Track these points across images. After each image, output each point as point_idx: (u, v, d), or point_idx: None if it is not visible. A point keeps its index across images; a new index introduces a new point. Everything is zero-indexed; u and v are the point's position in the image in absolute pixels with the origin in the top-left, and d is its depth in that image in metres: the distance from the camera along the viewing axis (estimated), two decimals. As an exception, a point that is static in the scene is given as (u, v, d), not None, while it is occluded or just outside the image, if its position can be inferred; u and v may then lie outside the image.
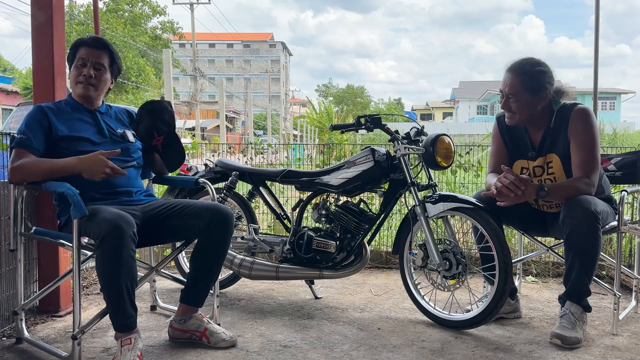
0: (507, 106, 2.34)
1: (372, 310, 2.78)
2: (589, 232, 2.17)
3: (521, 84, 2.28)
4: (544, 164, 2.39)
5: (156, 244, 2.45)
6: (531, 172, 2.43)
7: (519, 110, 2.31)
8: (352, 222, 2.70)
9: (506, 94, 2.32)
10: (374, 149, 2.67)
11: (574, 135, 2.27)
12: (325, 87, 69.27)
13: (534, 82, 2.27)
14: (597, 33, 3.67)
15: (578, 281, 2.24)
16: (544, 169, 2.40)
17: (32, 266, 2.55)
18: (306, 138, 18.26)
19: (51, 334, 2.38)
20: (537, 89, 2.28)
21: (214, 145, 6.11)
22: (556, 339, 2.23)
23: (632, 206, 3.17)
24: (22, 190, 2.18)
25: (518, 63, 2.32)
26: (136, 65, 25.58)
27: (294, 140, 19.70)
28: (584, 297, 2.29)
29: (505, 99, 2.34)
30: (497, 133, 2.53)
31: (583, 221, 2.16)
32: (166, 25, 29.62)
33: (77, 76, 2.22)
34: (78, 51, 2.23)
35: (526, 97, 2.29)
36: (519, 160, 2.47)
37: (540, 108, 2.33)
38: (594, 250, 2.19)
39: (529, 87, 2.28)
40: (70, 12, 25.11)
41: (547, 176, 2.39)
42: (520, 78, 2.28)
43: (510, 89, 2.30)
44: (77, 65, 2.22)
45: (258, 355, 2.16)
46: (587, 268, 2.22)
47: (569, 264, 2.25)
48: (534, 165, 2.42)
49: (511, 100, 2.31)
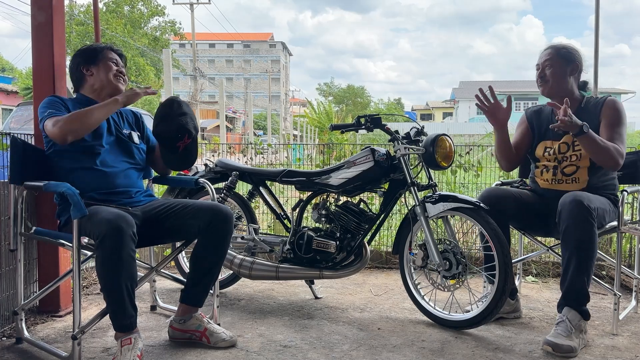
0: (542, 74, 2.55)
1: (372, 310, 2.78)
2: (584, 226, 2.17)
3: (557, 52, 2.53)
4: (570, 142, 2.47)
5: (156, 244, 2.45)
6: (556, 150, 2.51)
7: (553, 76, 2.50)
8: (352, 222, 2.70)
9: (542, 64, 2.55)
10: (374, 149, 2.68)
11: (605, 118, 2.44)
12: (326, 86, 69.31)
13: (567, 52, 2.53)
14: (597, 33, 3.67)
15: (575, 281, 2.19)
16: (569, 146, 2.48)
17: (32, 266, 2.56)
18: (306, 138, 18.26)
19: (51, 334, 2.38)
20: (570, 59, 2.52)
21: (214, 145, 6.11)
22: (547, 347, 2.17)
23: (632, 206, 3.17)
24: (22, 190, 2.18)
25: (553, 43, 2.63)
26: (136, 65, 25.60)
27: (294, 140, 19.71)
28: (582, 301, 2.22)
29: (541, 69, 2.56)
30: (524, 119, 2.72)
31: (577, 215, 2.17)
32: (167, 25, 29.63)
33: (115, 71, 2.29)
34: (107, 53, 2.30)
35: (559, 63, 2.51)
36: (542, 142, 2.58)
37: (570, 84, 2.52)
38: (589, 245, 2.18)
39: (562, 55, 2.52)
40: (70, 12, 25.14)
41: (573, 152, 2.46)
42: (555, 49, 2.55)
43: (547, 56, 2.55)
44: (112, 62, 2.29)
45: (258, 355, 2.16)
46: (584, 265, 2.18)
47: (565, 261, 2.22)
48: (560, 143, 2.50)
49: (547, 68, 2.53)
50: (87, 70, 2.27)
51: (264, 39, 72.38)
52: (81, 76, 2.29)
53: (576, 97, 2.54)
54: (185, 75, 39.62)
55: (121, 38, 24.83)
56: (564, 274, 2.23)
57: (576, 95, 2.54)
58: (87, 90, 2.29)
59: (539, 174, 2.56)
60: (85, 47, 2.36)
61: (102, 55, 2.29)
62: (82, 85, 2.30)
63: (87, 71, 2.27)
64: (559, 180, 2.49)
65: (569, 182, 2.48)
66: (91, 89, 2.29)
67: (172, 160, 2.38)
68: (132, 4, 28.40)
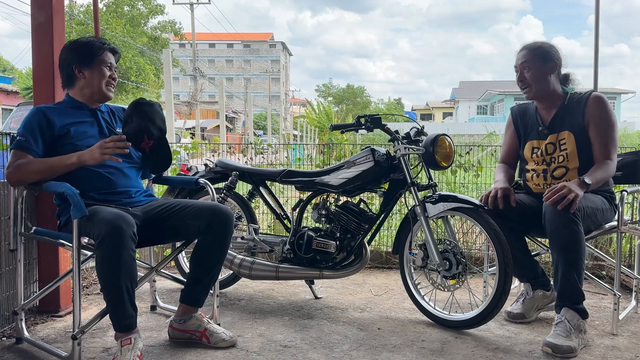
0: (522, 77, 2.50)
1: (372, 310, 2.78)
2: (568, 227, 2.16)
3: (532, 53, 2.48)
4: (556, 141, 2.46)
5: (156, 244, 2.45)
6: (543, 150, 2.49)
7: (533, 79, 2.46)
8: (352, 222, 2.70)
9: (520, 66, 2.50)
10: (374, 149, 2.68)
11: (594, 120, 2.40)
12: (325, 86, 69.30)
13: (543, 51, 2.47)
14: (597, 33, 3.67)
15: (566, 280, 2.19)
16: (555, 147, 2.46)
17: (32, 266, 2.56)
18: (306, 138, 18.26)
19: (51, 334, 2.38)
20: (546, 58, 2.46)
21: (214, 145, 6.10)
22: (547, 348, 2.16)
23: (632, 206, 3.16)
24: (22, 190, 2.18)
25: (526, 43, 2.56)
26: (136, 65, 25.59)
27: (294, 140, 19.71)
28: (577, 299, 2.22)
29: (519, 73, 2.50)
30: (510, 122, 2.70)
31: (559, 218, 2.17)
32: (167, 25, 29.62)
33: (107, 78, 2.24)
34: (103, 54, 2.24)
35: (537, 65, 2.46)
36: (529, 142, 2.56)
37: (552, 84, 2.48)
38: (576, 246, 2.17)
39: (539, 55, 2.47)
40: (70, 12, 25.12)
41: (560, 152, 2.45)
42: (531, 49, 2.49)
43: (523, 58, 2.49)
44: (106, 67, 2.24)
45: (258, 355, 2.16)
46: (573, 265, 2.18)
47: (554, 264, 2.23)
48: (546, 143, 2.49)
49: (525, 70, 2.48)
50: (80, 72, 2.21)
51: (264, 39, 72.38)
52: (72, 75, 2.22)
53: (559, 95, 2.51)
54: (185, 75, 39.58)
55: (121, 38, 24.81)
56: (555, 275, 2.24)
57: (559, 93, 2.51)
58: (77, 93, 2.25)
59: (530, 179, 2.55)
60: (81, 44, 2.25)
61: (97, 58, 2.22)
62: (72, 85, 2.24)
63: (79, 72, 2.21)
64: (550, 184, 2.46)
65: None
66: (81, 92, 2.24)
67: (146, 162, 2.36)
68: (132, 3, 28.39)
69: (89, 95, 2.24)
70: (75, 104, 2.25)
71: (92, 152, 2.01)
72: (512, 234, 2.42)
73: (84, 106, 2.25)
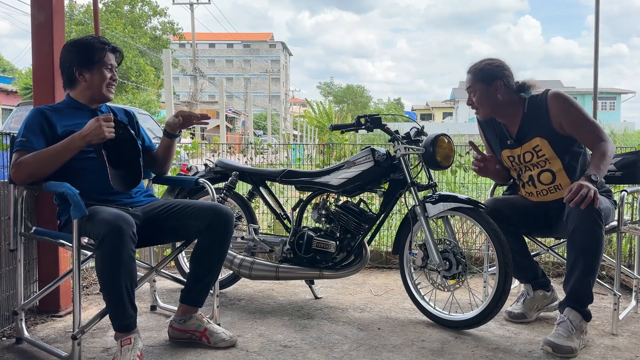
0: (470, 101, 2.54)
1: (372, 310, 2.78)
2: (593, 229, 2.13)
3: (474, 77, 2.49)
4: (531, 149, 2.44)
5: (156, 244, 2.45)
6: (520, 159, 2.48)
7: (480, 102, 2.48)
8: (352, 222, 2.70)
9: (467, 90, 2.53)
10: (374, 149, 2.68)
11: (564, 117, 2.36)
12: (326, 85, 69.39)
13: (484, 73, 2.47)
14: (597, 34, 3.67)
15: (580, 283, 2.17)
16: (532, 154, 2.44)
17: (32, 266, 2.55)
18: (306, 138, 18.26)
19: (51, 334, 2.38)
20: (489, 78, 2.45)
21: (214, 145, 6.11)
22: (548, 347, 2.16)
23: (632, 206, 3.17)
24: (22, 190, 2.18)
25: (472, 64, 2.55)
26: (136, 65, 25.60)
27: (294, 140, 19.71)
28: (585, 302, 2.21)
29: (468, 96, 2.54)
30: (481, 132, 2.73)
31: (586, 217, 2.13)
32: (166, 26, 29.63)
33: (108, 80, 2.23)
34: (104, 56, 2.22)
35: (481, 87, 2.46)
36: (504, 150, 2.56)
37: (502, 98, 2.46)
38: (596, 248, 2.15)
39: (481, 77, 2.47)
40: (70, 12, 25.14)
41: (539, 159, 2.43)
42: (473, 73, 2.50)
43: (468, 82, 2.52)
44: (107, 69, 2.23)
45: (258, 355, 2.16)
46: (590, 268, 2.15)
47: (570, 264, 2.19)
48: (522, 153, 2.47)
49: (472, 95, 2.51)
50: (80, 75, 2.20)
51: (264, 39, 72.40)
52: (73, 77, 2.21)
53: (517, 106, 2.47)
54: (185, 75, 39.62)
55: (121, 38, 24.82)
56: (569, 275, 2.20)
57: (516, 104, 2.47)
58: (78, 94, 2.24)
59: (522, 188, 2.55)
60: (82, 45, 2.22)
61: (98, 61, 2.20)
62: (73, 86, 2.23)
63: (79, 75, 2.20)
64: (542, 191, 2.46)
65: (553, 191, 2.43)
66: (81, 94, 2.24)
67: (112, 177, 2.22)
68: (132, 3, 28.39)
69: (90, 96, 2.24)
70: (76, 105, 2.25)
71: (95, 131, 1.99)
72: (512, 237, 2.42)
73: (84, 107, 2.25)
